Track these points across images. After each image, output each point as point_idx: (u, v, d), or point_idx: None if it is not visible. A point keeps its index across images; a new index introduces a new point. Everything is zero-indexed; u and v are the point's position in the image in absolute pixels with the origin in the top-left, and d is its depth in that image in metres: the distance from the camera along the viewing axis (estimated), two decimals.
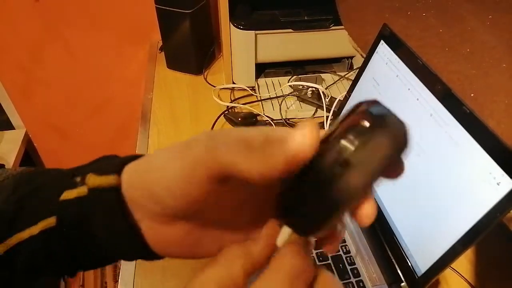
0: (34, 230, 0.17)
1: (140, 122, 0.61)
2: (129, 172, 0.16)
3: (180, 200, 0.14)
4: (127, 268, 0.39)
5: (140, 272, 0.39)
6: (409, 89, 0.39)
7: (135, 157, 0.17)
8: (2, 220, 0.17)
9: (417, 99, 0.37)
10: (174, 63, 0.70)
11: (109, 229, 0.16)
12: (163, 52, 0.72)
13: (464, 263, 0.42)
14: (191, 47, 0.66)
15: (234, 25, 0.60)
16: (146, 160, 0.16)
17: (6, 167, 0.21)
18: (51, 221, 0.16)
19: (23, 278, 0.18)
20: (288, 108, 0.61)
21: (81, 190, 0.16)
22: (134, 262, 0.40)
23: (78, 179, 0.17)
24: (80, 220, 0.16)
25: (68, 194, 0.16)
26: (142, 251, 0.17)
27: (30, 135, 0.92)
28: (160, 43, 0.74)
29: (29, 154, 0.92)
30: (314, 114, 0.61)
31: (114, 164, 0.16)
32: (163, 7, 0.63)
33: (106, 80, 0.87)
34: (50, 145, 0.95)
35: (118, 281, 0.38)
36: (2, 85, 0.83)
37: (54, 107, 0.89)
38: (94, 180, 0.16)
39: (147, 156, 0.16)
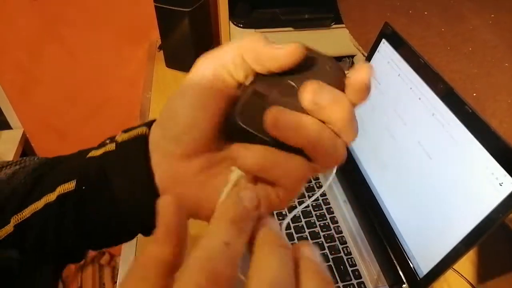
0: (52, 196, 0.17)
1: (139, 122, 0.61)
2: (156, 122, 0.17)
3: (196, 124, 0.16)
4: (125, 267, 0.39)
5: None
6: (411, 88, 0.38)
7: None
8: (17, 193, 0.17)
9: (419, 99, 0.37)
10: (173, 62, 0.70)
11: (129, 176, 0.17)
12: (162, 51, 0.71)
13: (466, 263, 0.42)
14: (190, 46, 0.65)
15: (234, 24, 0.59)
16: (166, 107, 0.17)
17: None
18: (69, 186, 0.17)
19: (32, 261, 0.17)
20: None
21: (109, 147, 0.17)
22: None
23: (108, 140, 0.18)
24: (101, 175, 0.17)
25: (94, 153, 0.17)
26: (153, 199, 0.16)
27: (27, 135, 0.91)
28: (159, 42, 0.74)
29: (27, 154, 0.92)
30: None
31: (145, 122, 0.18)
32: (162, 6, 0.63)
33: (104, 80, 0.86)
34: (48, 145, 0.94)
35: (116, 282, 0.38)
36: (0, 85, 0.83)
37: (52, 106, 0.88)
38: (123, 136, 0.17)
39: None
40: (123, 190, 0.17)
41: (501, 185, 0.29)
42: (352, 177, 0.46)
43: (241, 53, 0.16)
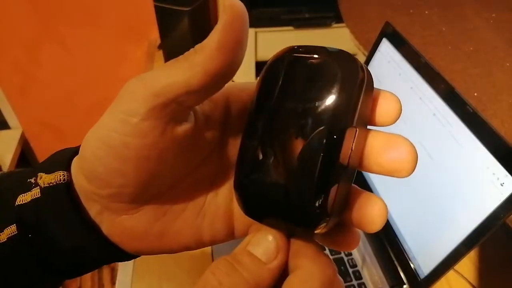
0: (2, 237, 0.15)
1: None
2: (75, 165, 0.15)
3: (120, 180, 0.13)
4: (124, 269, 0.39)
5: (137, 274, 0.38)
6: (411, 88, 0.38)
7: None
8: None
9: (420, 98, 0.37)
10: None
11: (66, 228, 0.15)
12: (161, 51, 0.71)
13: (467, 264, 0.42)
14: (189, 45, 0.64)
15: None
16: (83, 146, 0.14)
17: (1, 167, 0.20)
18: (13, 229, 0.15)
19: None
20: None
21: (35, 192, 0.15)
22: (131, 264, 0.39)
23: (32, 180, 0.15)
24: (39, 225, 0.15)
25: (23, 198, 0.15)
26: (107, 250, 0.15)
27: (26, 135, 0.91)
28: (158, 41, 0.73)
29: (25, 154, 0.92)
30: None
31: (64, 157, 0.15)
32: (161, 5, 0.63)
33: (103, 79, 0.86)
34: (47, 145, 0.94)
35: (115, 283, 0.38)
36: None
37: (50, 106, 0.88)
38: (44, 179, 0.15)
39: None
40: (66, 242, 0.15)
41: (502, 186, 0.29)
42: None
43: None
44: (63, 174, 0.14)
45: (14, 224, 0.15)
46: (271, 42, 0.61)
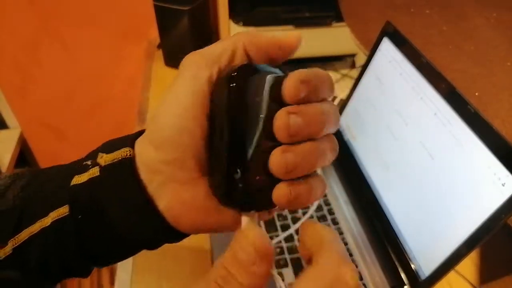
0: (46, 221, 0.16)
1: (137, 121, 0.61)
2: (141, 140, 0.16)
3: (187, 139, 0.15)
4: (123, 269, 0.39)
5: (136, 274, 0.38)
6: (412, 87, 0.38)
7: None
8: (10, 215, 0.16)
9: (421, 98, 0.37)
10: (172, 61, 0.69)
11: (124, 204, 0.15)
12: (160, 50, 0.71)
13: (468, 264, 0.41)
14: (189, 45, 0.65)
15: (233, 22, 0.59)
16: (152, 121, 0.16)
17: (0, 168, 0.20)
18: (63, 211, 0.16)
19: (34, 280, 0.17)
20: None
21: (93, 172, 0.16)
22: (130, 264, 0.39)
23: (89, 162, 0.16)
24: (93, 204, 0.15)
25: (79, 179, 0.16)
26: (161, 228, 0.16)
27: (25, 135, 0.91)
28: (158, 41, 0.73)
29: (24, 154, 0.91)
30: None
31: (126, 139, 0.16)
32: (161, 4, 0.62)
33: (103, 79, 0.86)
34: (46, 145, 0.94)
35: (114, 284, 0.38)
36: None
37: (49, 106, 0.88)
38: (106, 158, 0.16)
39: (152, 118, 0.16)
40: (122, 220, 0.16)
41: (503, 186, 0.28)
42: (353, 178, 0.46)
43: (237, 47, 0.16)
44: (129, 150, 0.16)
45: (66, 206, 0.16)
46: None
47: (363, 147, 0.45)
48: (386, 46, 0.42)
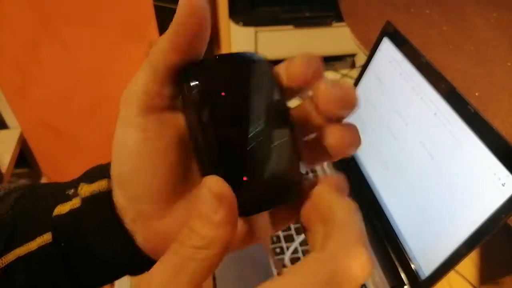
0: (32, 245, 0.16)
1: None
2: (112, 180, 0.16)
3: (144, 176, 0.14)
4: None
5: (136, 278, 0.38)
6: (412, 87, 0.38)
7: None
8: (2, 230, 0.16)
9: (421, 98, 0.37)
10: None
11: (104, 237, 0.16)
12: None
13: (468, 264, 0.41)
14: None
15: (233, 22, 0.59)
16: (112, 154, 0.15)
17: (0, 168, 0.20)
18: (47, 238, 0.16)
19: None
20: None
21: (74, 202, 0.16)
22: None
23: (71, 191, 0.16)
24: (75, 234, 0.16)
25: (61, 209, 0.16)
26: (141, 259, 0.16)
27: (25, 135, 0.91)
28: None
29: (24, 154, 0.91)
30: None
31: (105, 169, 0.16)
32: (161, 4, 0.63)
33: (103, 79, 0.86)
34: (46, 145, 0.94)
35: (114, 285, 0.37)
36: None
37: (50, 106, 0.88)
38: (86, 189, 0.16)
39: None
40: (103, 251, 0.16)
41: (503, 186, 0.28)
42: (353, 178, 0.46)
43: (158, 70, 0.14)
44: (106, 181, 0.16)
45: (49, 232, 0.16)
46: (271, 41, 0.61)
47: (363, 147, 0.45)
48: (386, 46, 0.42)
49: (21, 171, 0.96)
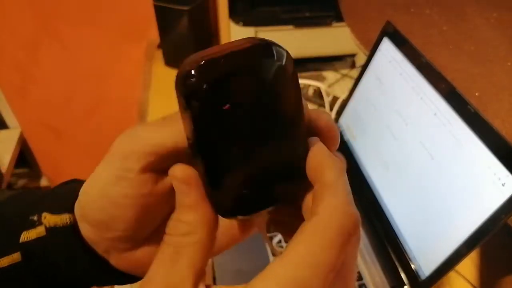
0: (3, 262, 0.16)
1: (137, 121, 0.61)
2: (77, 210, 0.16)
3: (124, 211, 0.14)
4: None
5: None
6: (412, 87, 0.38)
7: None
8: None
9: (421, 98, 0.37)
10: (172, 61, 0.69)
11: (73, 264, 0.16)
12: (160, 50, 0.71)
13: (468, 264, 0.41)
14: (189, 45, 0.65)
15: (233, 22, 0.59)
16: (82, 193, 0.15)
17: (0, 168, 0.20)
18: (16, 257, 0.16)
19: None
20: None
21: (40, 230, 0.16)
22: None
23: (35, 217, 0.16)
24: (44, 257, 0.16)
25: (28, 235, 0.16)
26: (122, 277, 0.16)
27: (25, 135, 0.91)
28: (158, 41, 0.73)
29: (24, 154, 0.91)
30: None
31: (68, 198, 0.16)
32: (161, 4, 0.62)
33: (102, 79, 0.86)
34: (46, 145, 0.94)
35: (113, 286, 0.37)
36: None
37: (49, 106, 0.88)
38: (49, 219, 0.16)
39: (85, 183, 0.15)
40: (77, 273, 0.16)
41: (503, 186, 0.28)
42: (353, 178, 0.46)
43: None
44: (69, 218, 0.15)
45: (18, 252, 0.16)
46: None
47: (363, 147, 0.45)
48: (386, 46, 0.42)
49: (21, 171, 0.96)
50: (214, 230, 0.13)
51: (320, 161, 0.13)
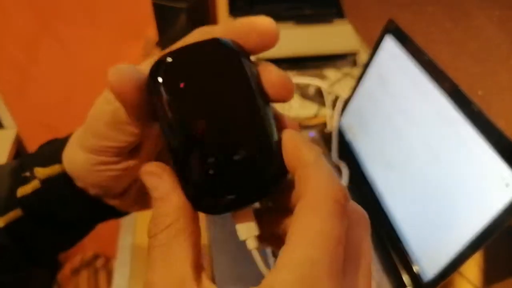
0: (5, 219, 0.18)
1: None
2: (65, 156, 0.18)
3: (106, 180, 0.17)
4: (120, 274, 0.38)
5: (134, 278, 0.38)
6: (415, 86, 0.37)
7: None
8: None
9: (424, 97, 0.36)
10: None
11: (70, 211, 0.18)
12: (159, 48, 0.70)
13: (471, 266, 0.41)
14: None
15: (233, 19, 0.58)
16: (69, 152, 0.18)
17: None
18: (17, 213, 0.18)
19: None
20: (290, 106, 0.60)
21: (34, 184, 0.18)
22: (128, 267, 0.39)
23: (28, 173, 0.18)
24: (42, 208, 0.18)
25: (24, 190, 0.18)
26: (111, 214, 0.19)
27: (21, 135, 0.90)
28: (156, 39, 0.72)
29: (20, 155, 0.91)
30: (316, 112, 0.59)
31: (55, 151, 0.18)
32: (159, 2, 0.62)
33: (101, 78, 0.85)
34: None
35: (112, 286, 0.37)
36: None
37: (47, 106, 0.87)
38: (42, 172, 0.18)
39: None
40: (74, 218, 0.19)
41: (507, 186, 0.28)
42: (355, 178, 0.45)
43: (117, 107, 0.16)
44: (59, 167, 0.18)
45: (18, 208, 0.18)
46: None
47: (366, 147, 0.45)
48: (389, 44, 0.42)
49: None
50: (195, 216, 0.13)
51: (296, 145, 0.13)
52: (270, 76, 0.14)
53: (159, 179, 0.13)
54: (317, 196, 0.12)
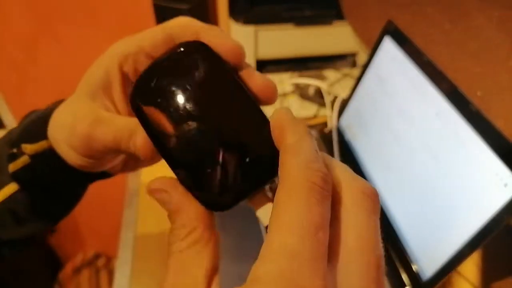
0: (2, 194, 0.19)
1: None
2: (50, 131, 0.19)
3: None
4: (121, 273, 0.39)
5: (135, 277, 0.38)
6: (414, 86, 0.38)
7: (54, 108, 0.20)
8: None
9: (423, 97, 0.36)
10: None
11: (60, 182, 0.20)
12: None
13: (469, 265, 0.41)
14: None
15: (233, 20, 0.58)
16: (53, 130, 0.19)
17: None
18: (13, 187, 0.19)
19: None
20: (290, 106, 0.60)
21: (24, 159, 0.19)
22: (129, 267, 0.39)
23: (15, 150, 0.19)
24: (34, 180, 0.19)
25: (15, 166, 0.19)
26: (99, 177, 0.21)
27: None
28: None
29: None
30: (316, 113, 0.60)
31: (40, 126, 0.19)
32: (160, 3, 0.62)
33: None
34: None
35: (113, 286, 0.37)
36: None
37: (47, 105, 0.87)
38: (30, 148, 0.19)
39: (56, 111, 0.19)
40: (63, 188, 0.20)
41: (505, 186, 0.28)
42: None
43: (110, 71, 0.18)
44: (46, 143, 0.19)
45: (13, 182, 0.19)
46: (271, 39, 0.61)
47: (365, 147, 0.45)
48: (388, 45, 0.42)
49: None
50: (212, 223, 0.13)
51: (281, 125, 0.13)
52: (255, 80, 0.15)
53: (167, 194, 0.13)
54: (292, 180, 0.11)
